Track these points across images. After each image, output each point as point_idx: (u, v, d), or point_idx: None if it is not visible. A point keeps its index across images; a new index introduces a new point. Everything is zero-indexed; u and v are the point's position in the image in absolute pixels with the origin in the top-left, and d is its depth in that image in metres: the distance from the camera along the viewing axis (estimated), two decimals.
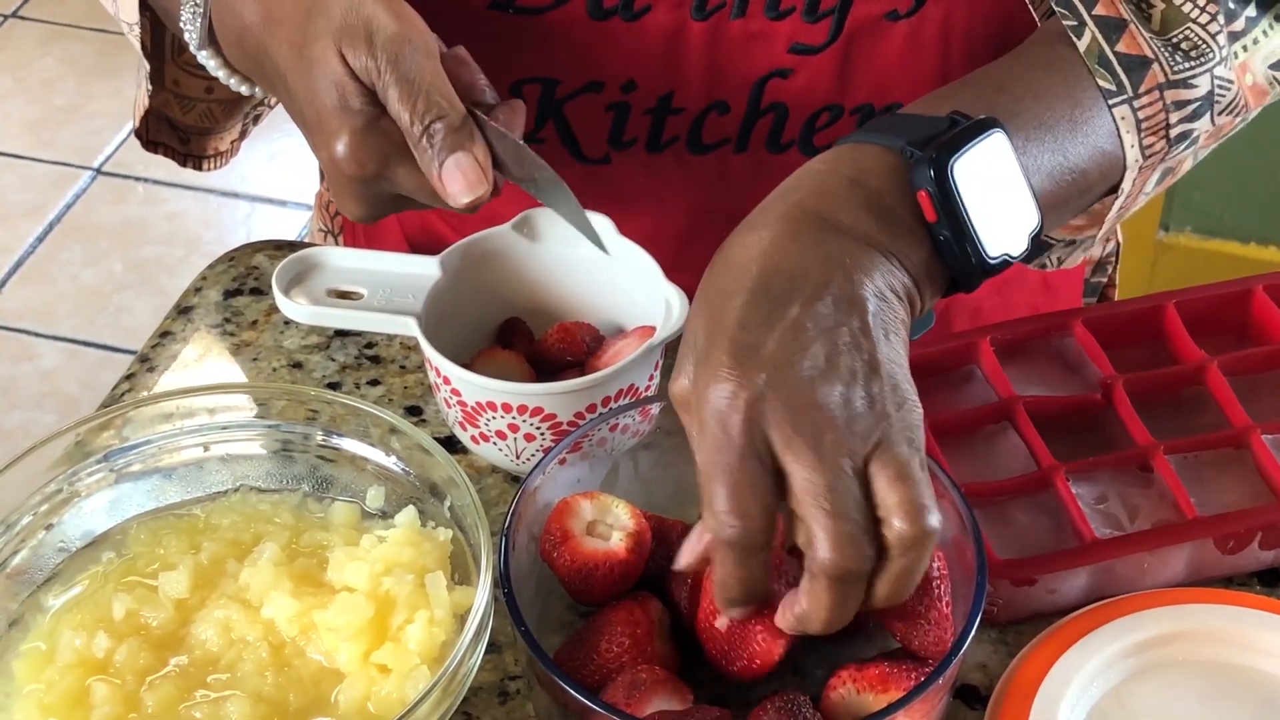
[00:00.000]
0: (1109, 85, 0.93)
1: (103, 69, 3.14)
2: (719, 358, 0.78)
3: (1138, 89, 0.93)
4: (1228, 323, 1.02)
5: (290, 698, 0.85)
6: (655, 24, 1.04)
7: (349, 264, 1.00)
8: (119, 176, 2.91)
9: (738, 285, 0.80)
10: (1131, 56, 0.93)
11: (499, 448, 0.97)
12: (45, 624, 0.89)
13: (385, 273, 0.99)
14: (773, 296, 0.79)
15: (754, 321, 0.78)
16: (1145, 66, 0.93)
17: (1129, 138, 0.94)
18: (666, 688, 0.83)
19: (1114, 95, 0.93)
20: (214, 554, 0.91)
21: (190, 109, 1.13)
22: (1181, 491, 0.92)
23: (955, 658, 0.80)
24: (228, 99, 1.14)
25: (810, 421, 0.76)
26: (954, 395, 1.00)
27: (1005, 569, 0.89)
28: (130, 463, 0.96)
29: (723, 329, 0.78)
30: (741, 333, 0.78)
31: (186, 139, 1.17)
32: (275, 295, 0.97)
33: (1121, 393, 0.97)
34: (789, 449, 0.76)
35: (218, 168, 1.20)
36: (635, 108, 1.07)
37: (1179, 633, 0.88)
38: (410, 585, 0.87)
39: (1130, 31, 0.94)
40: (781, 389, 0.76)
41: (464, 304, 1.01)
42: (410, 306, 0.97)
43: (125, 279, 2.73)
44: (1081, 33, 0.93)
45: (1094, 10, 0.94)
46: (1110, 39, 0.93)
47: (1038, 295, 1.24)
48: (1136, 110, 0.93)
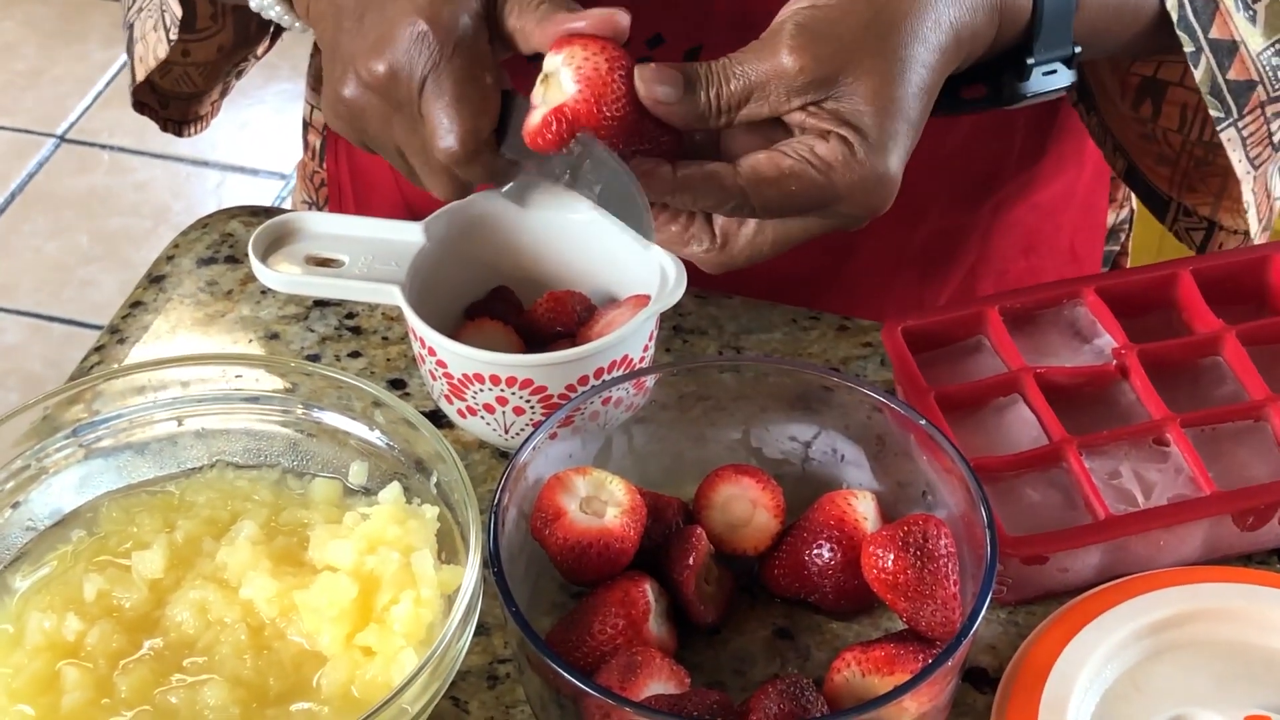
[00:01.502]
0: (1219, 114, 0.98)
1: (66, 33, 3.10)
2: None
3: (1242, 111, 0.99)
4: (1245, 291, 1.01)
5: (270, 681, 0.83)
6: None
7: (329, 229, 0.98)
8: (83, 144, 2.87)
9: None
10: (1239, 82, 0.98)
11: (487, 421, 0.94)
12: (12, 606, 0.87)
13: (367, 239, 0.97)
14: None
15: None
16: (1250, 90, 0.98)
17: (1236, 154, 0.99)
18: (663, 670, 0.82)
19: (1222, 121, 0.98)
20: (189, 532, 0.89)
21: (167, 73, 1.12)
22: (1199, 465, 0.91)
23: (965, 639, 0.79)
24: (206, 62, 1.12)
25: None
26: (962, 367, 0.98)
27: (1015, 546, 0.88)
28: (100, 438, 0.94)
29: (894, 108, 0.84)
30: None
31: (166, 102, 1.16)
32: (252, 262, 0.95)
33: (1136, 363, 0.96)
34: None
35: (199, 132, 1.19)
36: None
37: (1196, 612, 0.87)
38: (395, 564, 0.85)
39: (1240, 55, 0.97)
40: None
41: (449, 272, 0.99)
42: (393, 274, 0.95)
43: (91, 251, 2.70)
44: (1198, 60, 0.97)
45: (1210, 34, 0.96)
46: (1223, 65, 0.97)
47: (1065, 265, 1.24)
48: (1241, 130, 0.99)
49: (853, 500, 0.87)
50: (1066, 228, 1.23)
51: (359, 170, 1.25)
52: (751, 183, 0.82)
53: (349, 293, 0.96)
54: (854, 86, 0.82)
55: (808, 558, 0.87)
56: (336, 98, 0.89)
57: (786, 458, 0.93)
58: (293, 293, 0.96)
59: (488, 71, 0.86)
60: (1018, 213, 1.19)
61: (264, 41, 1.17)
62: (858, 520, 0.87)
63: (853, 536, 0.86)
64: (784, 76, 0.82)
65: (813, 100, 0.83)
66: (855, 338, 1.04)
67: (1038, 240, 1.21)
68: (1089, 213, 1.25)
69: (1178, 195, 1.09)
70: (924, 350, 0.96)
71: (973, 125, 1.12)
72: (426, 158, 0.88)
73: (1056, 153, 1.18)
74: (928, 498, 0.88)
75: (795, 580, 0.88)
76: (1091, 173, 1.21)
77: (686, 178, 0.83)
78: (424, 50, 0.85)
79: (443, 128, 0.86)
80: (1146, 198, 1.11)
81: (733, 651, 0.88)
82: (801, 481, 0.91)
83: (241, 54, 1.15)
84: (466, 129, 0.86)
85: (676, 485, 0.91)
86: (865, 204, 0.84)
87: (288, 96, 2.83)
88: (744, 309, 1.07)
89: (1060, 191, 1.21)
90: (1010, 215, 1.19)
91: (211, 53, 1.10)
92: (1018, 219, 1.19)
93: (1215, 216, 1.07)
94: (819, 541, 0.87)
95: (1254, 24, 0.98)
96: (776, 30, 0.84)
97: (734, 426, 0.93)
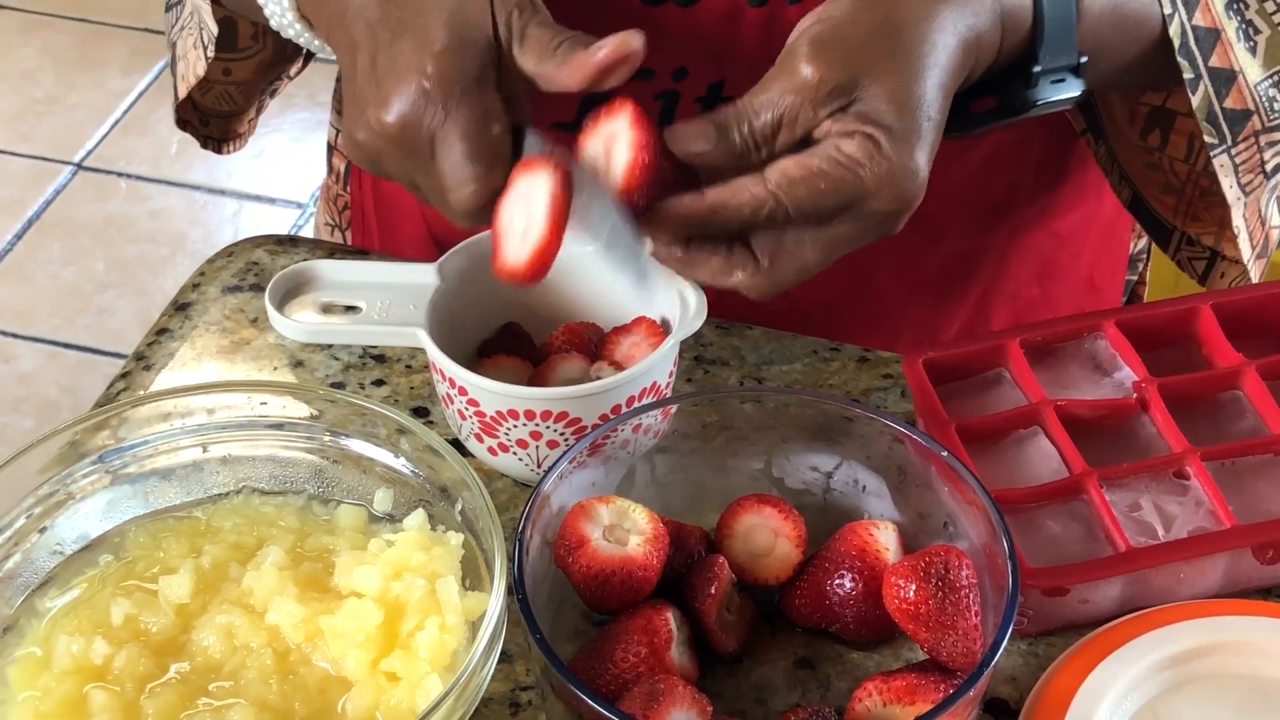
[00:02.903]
0: (1213, 140, 0.98)
1: (84, 60, 3.10)
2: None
3: (1236, 139, 0.98)
4: (1265, 326, 1.01)
5: (295, 706, 0.83)
6: (709, 10, 1.03)
7: (344, 276, 0.98)
8: (101, 172, 2.87)
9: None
10: (1236, 111, 0.98)
11: (519, 457, 0.95)
12: (41, 629, 0.87)
13: (382, 284, 0.98)
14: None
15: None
16: (1246, 119, 0.98)
17: (1227, 179, 1.00)
18: (685, 698, 0.81)
19: (1215, 147, 0.99)
20: (216, 557, 0.89)
21: (208, 91, 1.13)
22: (1219, 499, 0.91)
23: (986, 669, 0.79)
24: (245, 80, 1.13)
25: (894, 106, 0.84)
26: (982, 399, 0.98)
27: (1036, 578, 0.87)
28: (126, 464, 0.94)
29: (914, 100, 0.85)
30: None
31: (206, 121, 1.16)
32: (270, 314, 0.95)
33: (1156, 396, 0.96)
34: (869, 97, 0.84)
35: (237, 149, 1.20)
36: (685, 96, 1.06)
37: (1216, 645, 0.87)
38: (421, 590, 0.85)
39: (1238, 84, 0.98)
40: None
41: (464, 310, 0.99)
42: (412, 316, 0.95)
43: (107, 278, 2.70)
44: (1196, 86, 0.97)
45: (1210, 61, 0.96)
46: (1220, 94, 0.97)
47: (1083, 295, 1.24)
48: (1234, 157, 0.99)
49: (874, 531, 0.87)
50: (1085, 256, 1.23)
51: (382, 195, 1.25)
52: (781, 185, 0.84)
53: (370, 338, 0.97)
54: (873, 89, 0.84)
55: (829, 588, 0.87)
56: (353, 139, 0.89)
57: (808, 488, 0.93)
58: (314, 341, 0.96)
59: (496, 121, 0.86)
60: (1035, 239, 1.19)
61: (299, 60, 1.17)
62: (879, 551, 0.87)
63: (874, 567, 0.86)
64: (806, 90, 0.84)
65: (837, 108, 0.84)
66: (876, 369, 1.05)
67: (1054, 268, 1.21)
68: (1110, 243, 1.25)
69: (1181, 224, 1.09)
70: (945, 382, 0.96)
71: (990, 148, 1.12)
72: (442, 201, 0.89)
73: (1076, 182, 1.19)
74: (949, 529, 0.88)
75: (817, 610, 0.88)
76: (1113, 204, 1.21)
77: (717, 197, 0.84)
78: (429, 106, 0.85)
79: (455, 181, 0.86)
80: (1150, 227, 1.11)
81: (754, 681, 0.88)
82: (823, 512, 0.91)
83: (277, 71, 1.16)
84: (479, 184, 0.86)
85: (698, 514, 0.90)
86: (896, 197, 0.84)
87: (304, 126, 2.83)
88: (765, 340, 1.07)
89: (1079, 221, 1.21)
90: (1027, 240, 1.19)
91: (251, 71, 1.11)
92: (1034, 245, 1.20)
93: (1218, 246, 1.08)
94: (840, 571, 0.87)
95: (1254, 55, 0.98)
96: (791, 50, 0.85)
97: (756, 456, 0.93)
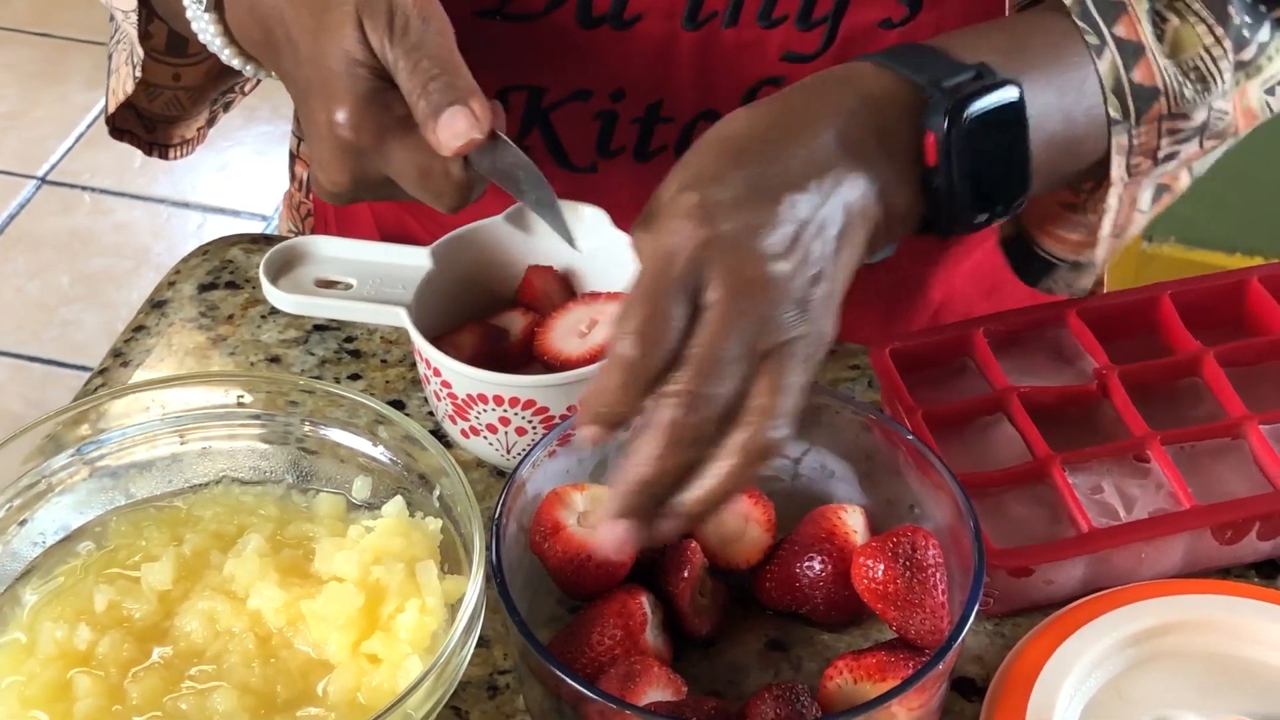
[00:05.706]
0: (1117, 115, 0.94)
1: (47, 75, 3.10)
2: (691, 201, 0.80)
3: (1140, 119, 0.95)
4: (1223, 315, 1.02)
5: (278, 689, 0.84)
6: (645, 33, 1.03)
7: (338, 254, 0.99)
8: (65, 185, 2.86)
9: (729, 148, 0.82)
10: (1144, 87, 0.94)
11: (489, 442, 0.96)
12: (24, 617, 0.88)
13: (375, 263, 0.98)
14: (761, 172, 0.81)
15: (735, 184, 0.80)
16: (1154, 98, 0.95)
17: (1118, 159, 0.95)
18: (661, 679, 0.82)
19: (1118, 123, 0.94)
20: (197, 545, 0.90)
21: (157, 96, 1.12)
22: (1179, 481, 0.92)
23: (954, 645, 0.80)
24: (195, 86, 1.13)
25: (748, 288, 0.78)
26: (948, 387, 1.00)
27: (1002, 558, 0.89)
28: (105, 455, 0.94)
29: (702, 182, 0.81)
30: (719, 189, 0.80)
31: (152, 126, 1.16)
32: (263, 284, 0.96)
33: (1117, 383, 0.97)
34: (716, 303, 0.78)
35: (184, 155, 1.19)
36: (623, 116, 1.07)
37: (1177, 623, 0.88)
38: (400, 574, 0.86)
39: (1147, 58, 0.94)
40: (737, 250, 0.79)
41: (455, 296, 1.00)
42: (400, 297, 0.96)
43: (72, 291, 2.69)
44: (1103, 53, 0.94)
45: (1115, 30, 0.94)
46: (1129, 64, 0.94)
47: (1031, 299, 1.23)
48: (1134, 137, 0.95)
49: (843, 514, 0.88)
50: None
51: None
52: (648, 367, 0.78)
53: (357, 314, 0.97)
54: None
55: (799, 570, 0.88)
56: (322, 191, 0.92)
57: (776, 474, 0.93)
58: (302, 313, 0.97)
59: (422, 150, 0.87)
60: (976, 257, 1.20)
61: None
62: (848, 534, 0.87)
63: (843, 549, 0.87)
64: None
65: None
66: (843, 360, 1.06)
67: (1000, 281, 1.22)
68: None
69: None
70: (911, 372, 0.98)
71: None
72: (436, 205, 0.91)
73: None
74: (915, 512, 0.89)
75: (787, 593, 0.89)
76: None
77: (632, 473, 0.79)
78: (366, 156, 0.88)
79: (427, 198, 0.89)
80: (1021, 262, 1.06)
81: (727, 662, 0.89)
82: (791, 497, 0.92)
83: (228, 82, 1.15)
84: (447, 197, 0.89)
85: None
86: (728, 268, 0.79)
87: (268, 139, 2.82)
88: None
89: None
90: (968, 261, 1.20)
91: (199, 77, 1.11)
92: (977, 263, 1.20)
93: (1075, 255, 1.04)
94: (810, 555, 0.88)
95: (1160, 41, 0.96)
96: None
97: None
